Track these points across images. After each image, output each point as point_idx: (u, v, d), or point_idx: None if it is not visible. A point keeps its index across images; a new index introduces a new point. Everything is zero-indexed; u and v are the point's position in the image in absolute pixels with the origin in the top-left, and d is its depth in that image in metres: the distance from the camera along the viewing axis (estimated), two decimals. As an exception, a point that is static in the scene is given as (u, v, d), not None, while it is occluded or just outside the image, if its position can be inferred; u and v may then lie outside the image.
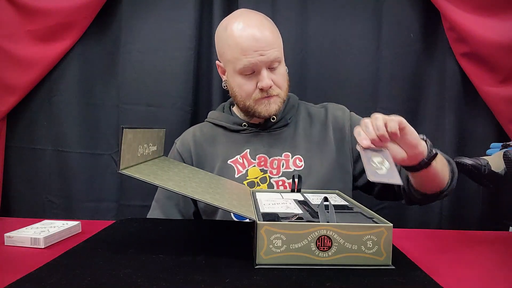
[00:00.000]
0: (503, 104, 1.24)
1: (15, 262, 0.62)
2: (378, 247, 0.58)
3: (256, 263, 0.57)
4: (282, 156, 1.01)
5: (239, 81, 0.97)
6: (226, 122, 1.06)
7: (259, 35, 0.92)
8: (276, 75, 0.96)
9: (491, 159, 0.83)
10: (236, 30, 0.93)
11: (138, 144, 0.68)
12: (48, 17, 1.27)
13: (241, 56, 0.92)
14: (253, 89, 0.96)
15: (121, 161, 0.59)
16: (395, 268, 0.58)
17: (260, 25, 0.94)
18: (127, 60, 1.37)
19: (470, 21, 1.22)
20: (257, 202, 0.74)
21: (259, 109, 0.98)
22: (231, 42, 0.94)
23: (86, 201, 1.39)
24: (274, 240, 0.56)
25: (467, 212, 1.35)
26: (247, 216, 0.59)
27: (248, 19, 0.95)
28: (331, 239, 0.57)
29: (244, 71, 0.94)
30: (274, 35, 0.96)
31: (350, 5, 1.37)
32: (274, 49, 0.93)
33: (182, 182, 0.67)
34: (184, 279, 0.53)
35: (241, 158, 1.01)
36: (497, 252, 0.72)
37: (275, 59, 0.94)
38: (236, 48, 0.93)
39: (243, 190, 0.83)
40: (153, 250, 0.64)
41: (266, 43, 0.92)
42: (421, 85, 1.37)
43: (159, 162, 0.78)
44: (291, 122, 1.06)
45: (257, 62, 0.92)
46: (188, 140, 1.07)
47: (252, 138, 1.03)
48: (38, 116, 1.37)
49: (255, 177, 0.99)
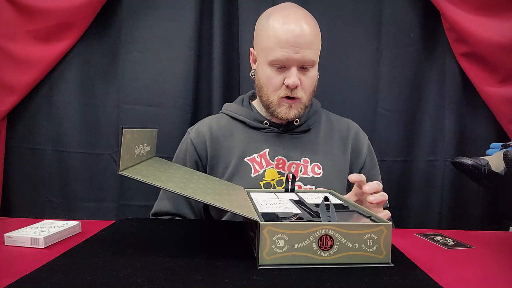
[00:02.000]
0: (503, 104, 1.24)
1: (15, 262, 0.62)
2: (378, 245, 0.58)
3: (259, 264, 0.57)
4: (301, 161, 0.99)
5: (268, 72, 0.94)
6: (247, 118, 1.03)
7: (299, 32, 0.90)
8: (305, 77, 0.94)
9: (491, 159, 0.83)
10: (278, 21, 0.92)
11: (135, 145, 0.68)
12: (48, 17, 1.27)
13: (277, 47, 0.90)
14: (280, 85, 0.94)
15: (121, 162, 0.59)
16: (395, 268, 0.58)
17: (304, 22, 0.92)
18: (127, 60, 1.37)
19: (470, 21, 1.22)
20: (254, 202, 0.74)
21: (279, 110, 0.96)
22: (270, 31, 0.92)
23: (86, 201, 1.39)
24: (276, 240, 0.56)
25: (467, 212, 1.35)
26: (250, 217, 0.58)
27: (294, 14, 0.93)
28: (332, 238, 0.57)
29: (275, 63, 0.92)
30: (315, 36, 0.94)
31: (350, 5, 1.37)
32: (311, 50, 0.92)
33: (181, 183, 0.67)
34: (184, 279, 0.53)
35: (259, 157, 0.98)
36: (497, 252, 0.72)
37: (309, 60, 0.92)
38: (274, 38, 0.91)
39: (238, 190, 0.82)
40: (153, 250, 0.64)
41: (305, 42, 0.90)
42: (421, 85, 1.37)
43: (154, 162, 0.77)
44: (312, 128, 1.04)
45: (290, 58, 0.90)
46: (203, 131, 1.02)
47: (272, 139, 1.01)
48: (38, 116, 1.37)
49: (272, 179, 0.97)
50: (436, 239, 0.79)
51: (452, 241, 0.77)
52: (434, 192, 1.36)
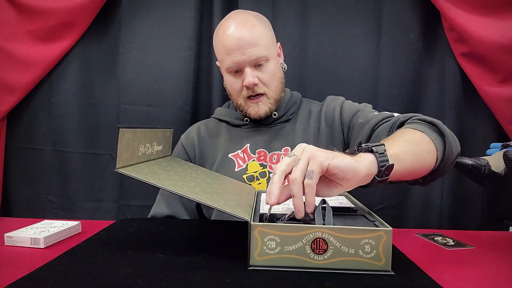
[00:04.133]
0: (503, 104, 1.24)
1: (15, 262, 0.62)
2: (376, 251, 0.56)
3: (249, 265, 0.56)
4: (282, 151, 1.03)
5: (229, 79, 1.02)
6: (229, 117, 1.10)
7: (240, 35, 0.95)
8: (263, 73, 0.99)
9: (491, 159, 0.83)
10: (221, 32, 0.99)
11: (139, 144, 0.69)
12: (48, 17, 1.27)
13: (226, 56, 0.97)
14: (240, 87, 1.00)
15: (118, 160, 0.61)
16: (395, 269, 0.58)
17: (243, 25, 0.96)
18: (127, 60, 1.37)
19: (470, 21, 1.22)
20: (259, 202, 0.74)
21: (249, 111, 1.02)
22: (218, 42, 1.00)
23: (86, 201, 1.39)
24: (268, 241, 0.56)
25: (467, 212, 1.35)
26: (239, 217, 0.58)
27: (234, 20, 0.99)
28: (326, 242, 0.55)
29: (230, 69, 0.99)
30: (259, 33, 0.97)
31: (350, 5, 1.36)
32: (257, 47, 0.95)
33: (180, 182, 0.67)
34: (184, 279, 0.53)
35: (242, 153, 1.04)
36: (497, 252, 0.72)
37: (258, 57, 0.96)
38: (222, 48, 0.98)
39: (247, 191, 0.83)
40: (153, 250, 0.64)
41: (248, 43, 0.95)
42: (421, 85, 1.37)
43: (164, 161, 0.78)
44: (292, 118, 1.08)
45: (239, 61, 0.96)
46: (192, 134, 1.11)
47: (253, 133, 1.06)
48: (38, 116, 1.37)
49: (255, 171, 1.01)
50: (436, 239, 0.78)
51: (452, 241, 0.77)
52: (434, 192, 1.36)
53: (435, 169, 0.72)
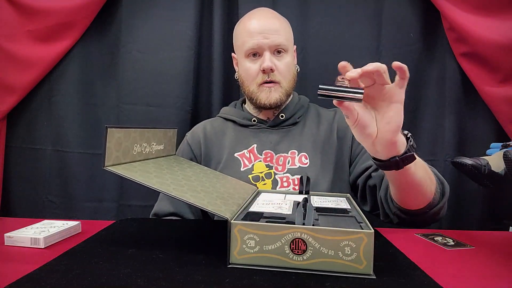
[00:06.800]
0: (503, 104, 1.24)
1: (15, 262, 0.62)
2: (357, 254, 0.54)
3: (229, 262, 0.57)
4: (288, 153, 1.03)
5: (246, 65, 1.02)
6: (237, 117, 1.10)
7: (264, 21, 1.00)
8: (280, 62, 1.01)
9: (491, 159, 0.83)
10: (246, 19, 1.04)
11: (133, 143, 0.70)
12: (48, 17, 1.27)
13: (248, 38, 1.00)
14: (257, 72, 1.01)
15: (106, 158, 0.62)
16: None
17: (269, 14, 1.03)
18: (127, 60, 1.37)
19: (470, 21, 1.22)
20: (254, 201, 0.74)
21: (261, 96, 1.02)
22: (241, 29, 1.04)
23: (86, 201, 1.39)
24: (247, 240, 0.56)
25: (467, 212, 1.35)
26: (219, 215, 0.58)
27: (259, 10, 1.05)
28: (305, 242, 0.55)
29: (250, 51, 1.00)
30: (282, 25, 1.02)
31: (350, 5, 1.37)
32: (280, 35, 0.99)
33: (169, 180, 0.67)
34: (184, 279, 0.53)
35: (248, 153, 1.04)
36: (497, 252, 0.72)
37: (280, 44, 0.99)
38: (245, 32, 1.01)
39: (244, 190, 0.82)
40: (153, 250, 0.64)
41: (271, 28, 0.99)
42: (421, 85, 1.37)
43: (163, 160, 0.78)
44: (299, 122, 1.08)
45: (260, 43, 0.98)
46: (198, 133, 1.11)
47: (260, 134, 1.06)
48: (38, 116, 1.37)
49: (260, 172, 1.01)
50: (436, 239, 0.78)
51: (452, 241, 0.77)
52: (434, 192, 1.36)
53: (422, 209, 0.80)
